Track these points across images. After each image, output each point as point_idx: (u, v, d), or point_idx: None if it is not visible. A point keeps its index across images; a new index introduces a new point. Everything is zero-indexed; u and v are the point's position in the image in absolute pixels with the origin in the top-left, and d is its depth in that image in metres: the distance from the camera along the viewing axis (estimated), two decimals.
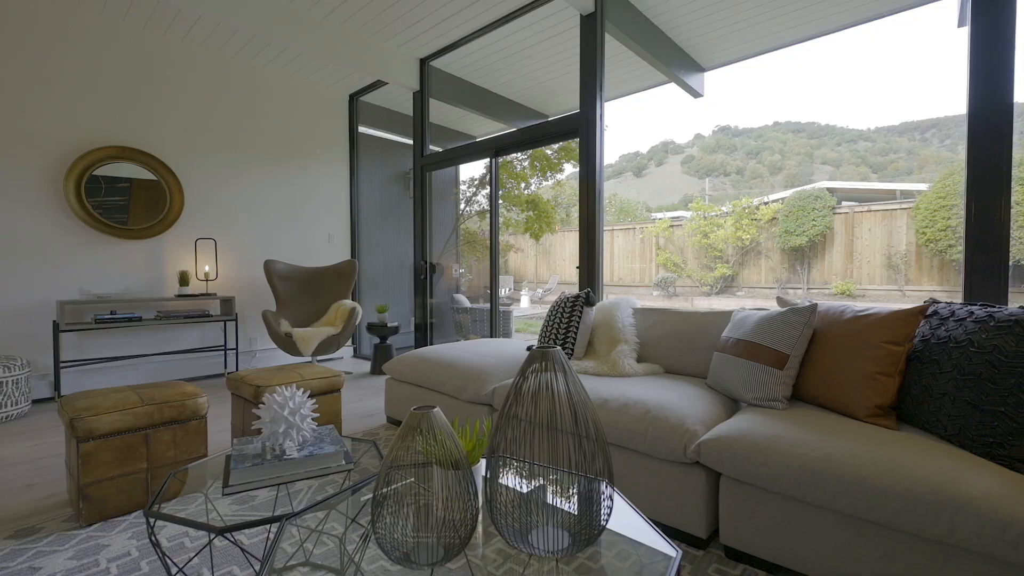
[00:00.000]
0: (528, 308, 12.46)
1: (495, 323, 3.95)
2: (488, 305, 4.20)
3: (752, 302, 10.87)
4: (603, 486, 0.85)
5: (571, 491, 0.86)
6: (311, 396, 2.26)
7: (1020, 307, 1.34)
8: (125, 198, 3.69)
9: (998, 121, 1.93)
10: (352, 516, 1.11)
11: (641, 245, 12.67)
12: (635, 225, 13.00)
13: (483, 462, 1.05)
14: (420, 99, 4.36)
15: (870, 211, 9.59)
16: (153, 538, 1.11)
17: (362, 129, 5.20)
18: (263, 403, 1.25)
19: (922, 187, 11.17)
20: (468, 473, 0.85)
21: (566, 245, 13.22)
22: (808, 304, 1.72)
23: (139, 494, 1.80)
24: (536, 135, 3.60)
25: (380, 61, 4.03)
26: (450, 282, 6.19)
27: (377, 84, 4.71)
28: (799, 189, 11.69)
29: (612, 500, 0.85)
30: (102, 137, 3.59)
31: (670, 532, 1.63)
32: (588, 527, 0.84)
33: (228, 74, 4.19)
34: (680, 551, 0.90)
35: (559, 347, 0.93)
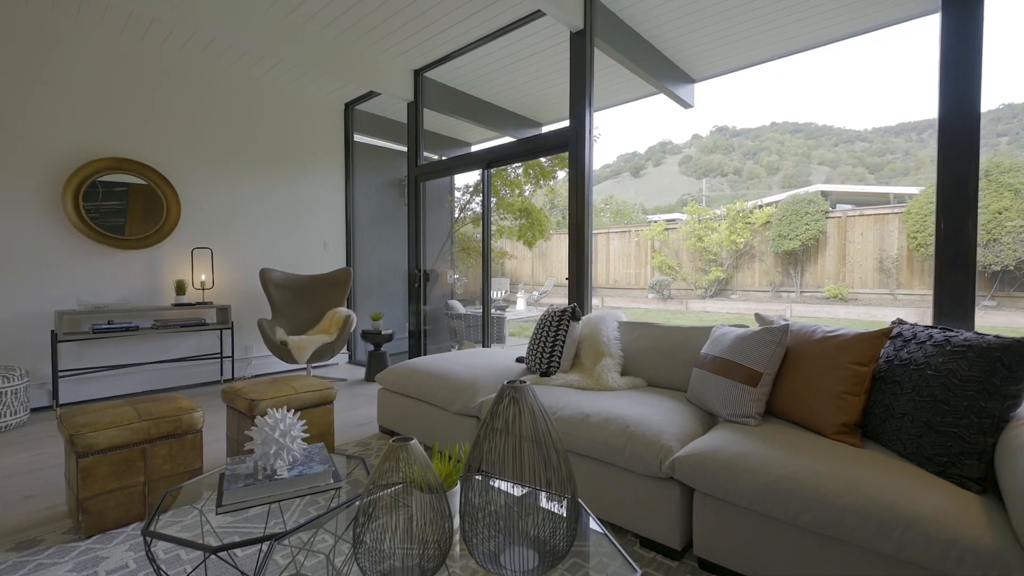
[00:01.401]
0: (524, 311, 12.53)
1: (487, 332, 4.01)
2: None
3: (746, 305, 10.96)
4: (567, 511, 0.91)
5: (539, 516, 0.93)
6: (304, 409, 2.32)
7: (976, 333, 1.41)
8: (123, 203, 3.74)
9: (966, 143, 1.98)
10: (339, 534, 1.18)
11: (637, 248, 12.76)
12: (630, 228, 13.08)
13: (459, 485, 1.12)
14: (414, 110, 4.42)
15: (862, 215, 9.69)
16: (150, 555, 1.17)
17: (357, 137, 5.25)
18: (255, 425, 1.32)
19: (915, 191, 11.28)
20: (442, 498, 0.92)
21: (562, 248, 13.28)
22: (781, 324, 1.79)
23: (136, 507, 1.86)
24: (527, 148, 3.66)
25: (374, 72, 4.09)
26: (445, 288, 6.26)
27: (372, 93, 4.77)
28: (793, 192, 11.78)
29: (576, 526, 0.92)
30: (100, 149, 3.64)
31: (647, 543, 1.70)
32: (553, 550, 0.90)
33: (224, 85, 4.25)
34: (640, 569, 0.97)
35: (525, 383, 1.00)
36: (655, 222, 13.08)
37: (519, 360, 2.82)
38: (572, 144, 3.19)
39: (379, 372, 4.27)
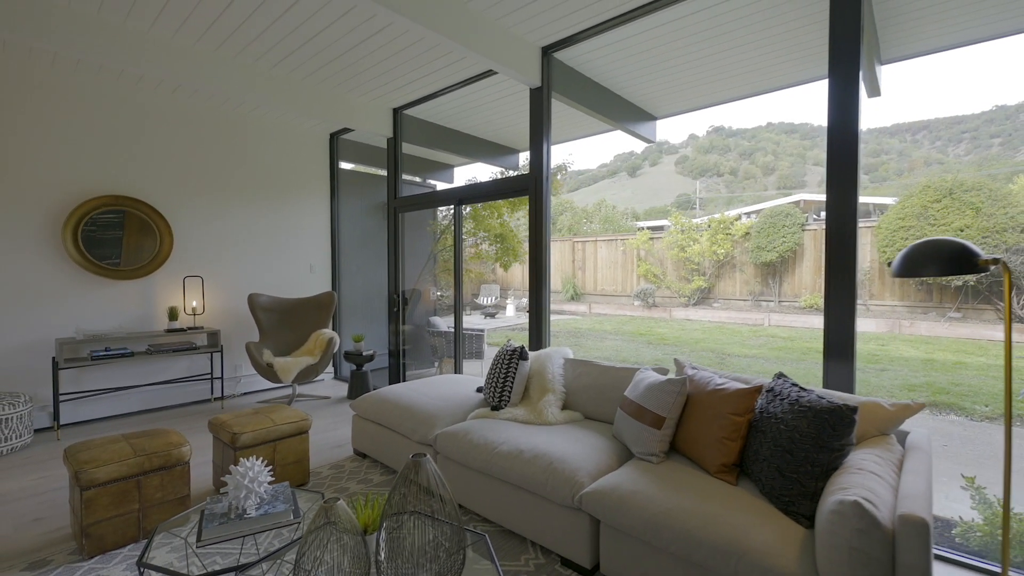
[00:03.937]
0: (513, 317, 12.89)
1: (458, 357, 4.32)
2: (464, 327, 4.56)
3: (727, 314, 11.30)
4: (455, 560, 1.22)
5: (437, 559, 1.23)
6: (281, 440, 2.62)
7: (818, 395, 1.72)
8: (119, 216, 4.01)
9: (847, 183, 2.27)
10: (296, 561, 1.48)
11: (623, 256, 13.10)
12: (617, 236, 13.40)
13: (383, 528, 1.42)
14: (393, 145, 4.71)
15: None
16: None
17: (343, 164, 5.54)
18: (230, 473, 1.62)
19: (891, 201, 11.62)
20: (362, 542, 1.22)
21: (552, 255, 13.58)
22: (683, 376, 2.10)
23: (132, 530, 2.15)
24: (494, 190, 3.97)
25: (355, 113, 4.39)
26: (428, 304, 6.56)
27: None
28: (774, 204, 12.12)
29: (463, 569, 1.22)
30: (97, 187, 3.92)
31: (566, 562, 2.02)
32: None
33: (215, 122, 4.53)
34: None
35: (425, 456, 1.31)
36: (641, 230, 13.41)
37: (479, 390, 3.12)
38: (532, 189, 3.50)
39: (360, 391, 4.57)
